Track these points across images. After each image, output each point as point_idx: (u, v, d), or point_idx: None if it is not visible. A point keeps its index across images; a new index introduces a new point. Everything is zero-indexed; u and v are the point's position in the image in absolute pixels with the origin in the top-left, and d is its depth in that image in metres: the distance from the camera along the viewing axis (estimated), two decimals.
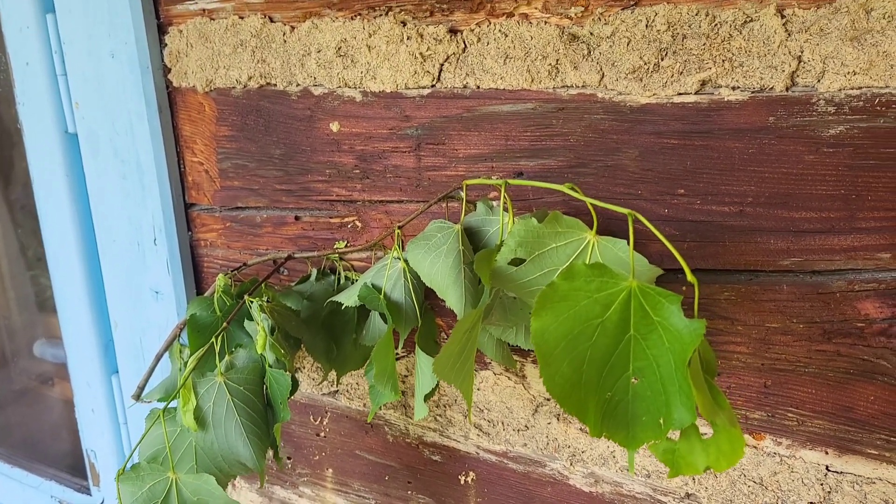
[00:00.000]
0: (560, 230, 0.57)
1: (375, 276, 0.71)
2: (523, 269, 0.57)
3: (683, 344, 0.48)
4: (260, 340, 0.74)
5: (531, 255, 0.57)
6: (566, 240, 0.57)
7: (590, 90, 0.66)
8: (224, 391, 0.72)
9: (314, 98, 0.79)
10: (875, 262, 0.59)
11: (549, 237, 0.57)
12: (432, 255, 0.65)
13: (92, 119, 0.92)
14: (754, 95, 0.60)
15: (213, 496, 0.70)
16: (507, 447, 0.81)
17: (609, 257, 0.56)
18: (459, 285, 0.63)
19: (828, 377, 0.63)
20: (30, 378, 1.52)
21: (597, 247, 0.56)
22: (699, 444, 0.51)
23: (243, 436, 0.72)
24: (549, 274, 0.57)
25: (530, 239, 0.57)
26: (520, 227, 0.57)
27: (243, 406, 0.72)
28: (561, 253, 0.57)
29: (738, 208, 0.63)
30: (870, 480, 0.64)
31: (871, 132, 0.57)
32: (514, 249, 0.57)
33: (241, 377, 0.73)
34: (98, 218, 0.97)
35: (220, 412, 0.72)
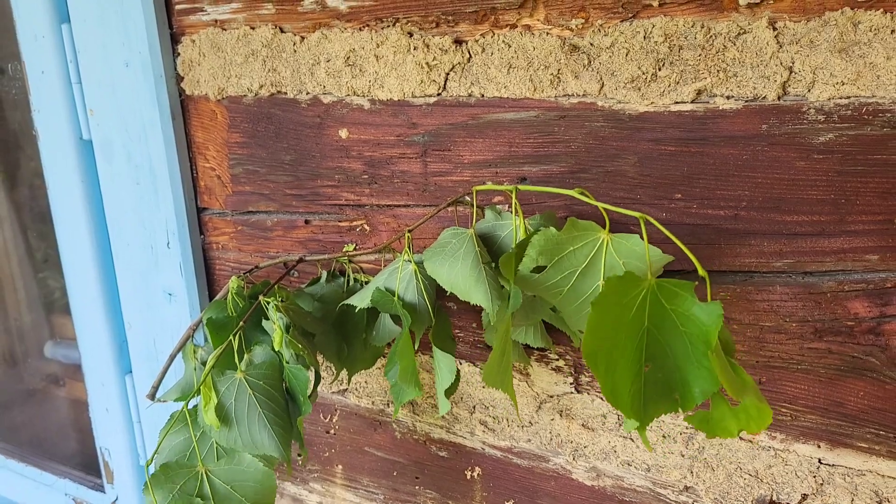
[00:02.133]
0: (576, 234, 0.60)
1: (388, 279, 0.73)
2: (545, 274, 0.60)
3: (704, 326, 0.52)
4: (276, 338, 0.76)
5: (551, 262, 0.60)
6: (582, 241, 0.60)
7: (590, 99, 0.68)
8: (245, 386, 0.74)
9: (323, 106, 0.82)
10: (864, 264, 0.62)
11: (567, 242, 0.60)
12: (450, 260, 0.67)
13: (106, 126, 0.95)
14: (748, 104, 0.62)
15: (247, 475, 0.72)
16: (511, 443, 0.84)
17: (623, 251, 0.59)
18: (483, 283, 0.66)
19: (819, 374, 0.66)
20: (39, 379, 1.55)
21: (611, 244, 0.59)
22: (729, 412, 0.54)
23: (267, 427, 0.73)
24: (570, 276, 0.60)
25: (550, 247, 0.60)
26: (539, 238, 0.60)
27: (265, 399, 0.74)
28: (579, 254, 0.60)
29: (732, 212, 0.65)
30: (860, 473, 0.67)
31: (859, 139, 0.59)
32: (536, 259, 0.60)
33: (260, 372, 0.75)
34: (112, 222, 1.00)
35: (243, 407, 0.74)
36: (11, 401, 1.56)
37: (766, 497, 0.71)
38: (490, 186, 0.69)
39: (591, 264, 0.60)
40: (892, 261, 0.61)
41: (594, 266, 0.60)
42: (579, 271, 0.60)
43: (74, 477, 1.28)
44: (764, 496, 0.71)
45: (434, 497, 0.91)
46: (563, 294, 0.60)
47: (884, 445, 0.65)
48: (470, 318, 0.82)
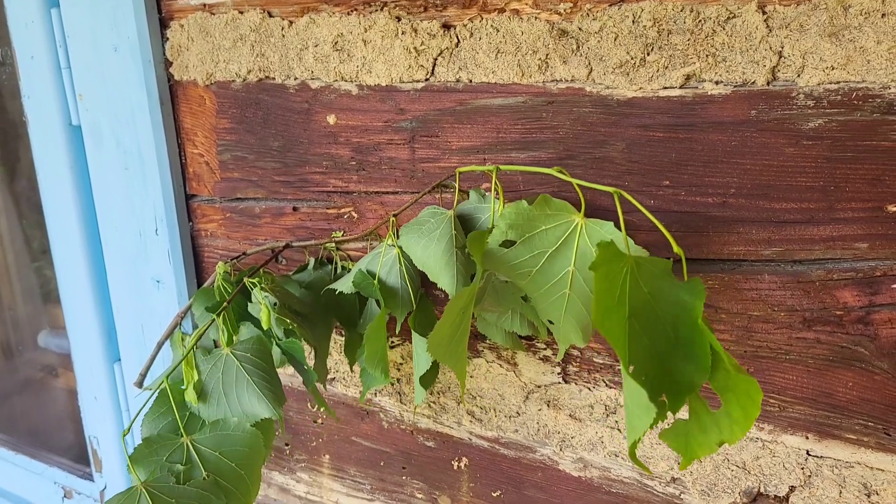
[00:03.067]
0: (549, 212, 0.59)
1: (370, 262, 0.73)
2: (514, 251, 0.59)
3: (689, 303, 0.51)
4: (264, 317, 0.75)
5: (521, 238, 0.59)
6: (555, 222, 0.59)
7: (578, 84, 0.67)
8: (232, 360, 0.72)
9: (311, 91, 0.81)
10: (853, 252, 0.61)
11: (539, 219, 0.59)
12: (425, 239, 0.67)
13: (95, 111, 0.94)
14: (737, 89, 0.62)
15: (234, 439, 0.70)
16: (498, 433, 0.83)
17: (596, 238, 0.58)
18: (451, 267, 0.65)
19: (808, 364, 0.65)
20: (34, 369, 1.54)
21: (584, 229, 0.58)
22: (710, 419, 0.52)
23: (257, 392, 0.71)
24: (539, 256, 0.59)
25: (521, 221, 0.59)
26: (510, 210, 0.59)
27: (254, 368, 0.72)
28: (550, 235, 0.59)
29: (721, 199, 0.64)
30: (849, 464, 0.66)
31: (849, 125, 0.58)
32: (505, 231, 0.59)
33: (247, 346, 0.73)
34: (101, 208, 1.00)
35: (231, 381, 0.72)
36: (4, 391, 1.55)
37: (754, 489, 0.70)
38: (473, 168, 0.68)
39: (562, 247, 0.59)
40: (881, 249, 0.60)
41: (566, 249, 0.59)
42: (549, 253, 0.59)
43: (64, 466, 1.27)
44: (751, 488, 0.70)
45: (421, 487, 0.90)
46: (531, 276, 0.59)
47: (872, 437, 0.64)
48: None
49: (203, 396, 0.74)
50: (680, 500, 0.74)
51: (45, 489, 1.30)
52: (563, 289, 0.59)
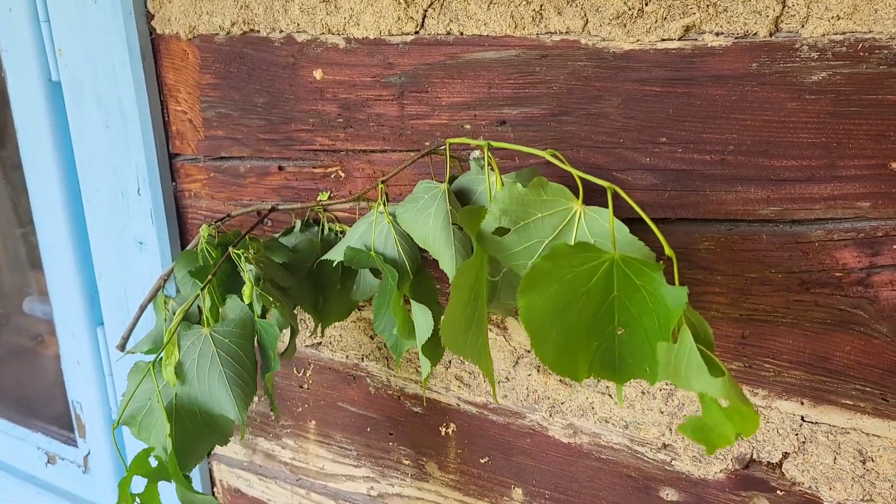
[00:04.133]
0: (546, 198, 0.55)
1: (363, 234, 0.70)
2: (508, 239, 0.55)
3: (668, 310, 0.49)
4: (246, 291, 0.73)
5: (516, 226, 0.55)
6: (551, 209, 0.55)
7: (573, 36, 0.65)
8: (210, 343, 0.72)
9: (297, 45, 0.78)
10: (854, 211, 0.59)
11: (534, 206, 0.54)
12: (422, 216, 0.64)
13: (75, 66, 0.91)
14: (738, 41, 0.59)
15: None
16: (487, 399, 0.81)
17: (596, 229, 0.54)
18: (450, 246, 0.61)
19: (805, 327, 0.64)
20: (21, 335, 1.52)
21: (583, 217, 0.54)
22: (723, 414, 0.49)
23: (226, 386, 0.71)
24: (536, 246, 0.55)
25: (514, 207, 0.54)
26: (504, 194, 0.54)
27: (227, 357, 0.72)
28: (546, 224, 0.55)
29: (719, 157, 0.62)
30: (844, 430, 0.64)
31: (854, 78, 0.56)
32: (499, 217, 0.55)
33: (227, 329, 0.72)
34: (82, 167, 0.97)
35: (205, 364, 0.71)
36: None
37: (746, 455, 0.69)
38: (464, 140, 0.66)
39: (559, 237, 0.55)
40: (884, 208, 0.58)
41: (564, 240, 0.55)
42: (545, 243, 0.55)
43: (48, 431, 1.25)
44: (744, 454, 0.69)
45: (408, 453, 0.89)
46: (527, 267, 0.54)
47: (869, 402, 0.63)
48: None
49: (180, 375, 0.72)
50: (671, 467, 0.73)
51: (29, 455, 1.28)
52: None
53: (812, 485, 0.67)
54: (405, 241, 0.69)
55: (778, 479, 0.68)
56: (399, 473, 0.90)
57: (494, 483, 0.84)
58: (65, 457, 1.22)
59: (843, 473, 0.65)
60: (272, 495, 1.03)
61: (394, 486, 0.91)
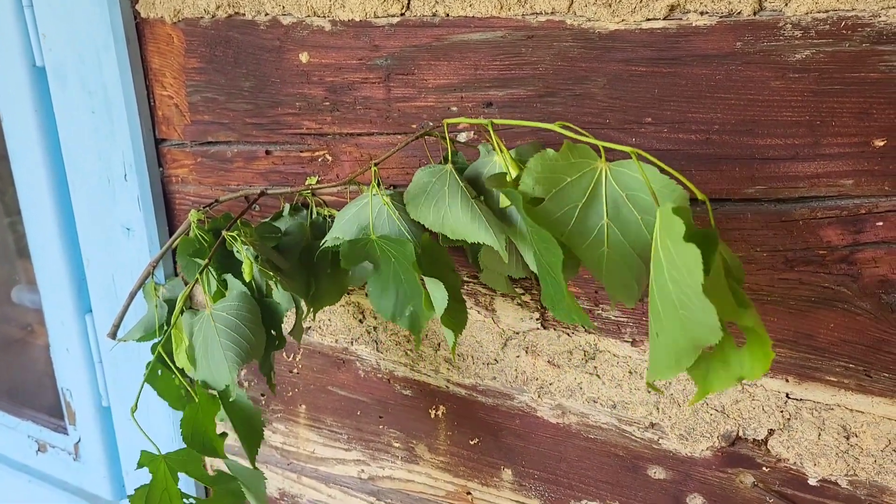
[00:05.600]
0: (573, 161, 0.54)
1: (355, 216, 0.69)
2: (544, 208, 0.54)
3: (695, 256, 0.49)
4: (246, 269, 0.73)
5: (549, 193, 0.54)
6: (579, 171, 0.54)
7: (559, 17, 0.65)
8: (210, 322, 0.71)
9: (283, 28, 0.78)
10: (838, 189, 0.59)
11: (563, 170, 0.54)
12: (438, 204, 0.62)
13: (59, 51, 0.91)
14: (722, 20, 0.59)
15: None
16: (476, 381, 0.82)
17: (625, 181, 0.53)
18: (479, 219, 0.61)
19: (790, 305, 0.64)
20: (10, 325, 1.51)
21: (610, 174, 0.54)
22: (734, 355, 0.50)
23: (222, 354, 0.70)
24: (571, 211, 0.54)
25: (546, 174, 0.53)
26: (536, 164, 0.53)
27: (224, 328, 0.69)
28: (577, 187, 0.54)
29: (704, 136, 0.63)
30: (828, 407, 0.65)
31: (837, 56, 0.56)
32: (532, 188, 0.53)
33: (226, 304, 0.71)
34: (68, 154, 0.96)
35: (209, 343, 0.70)
36: None
37: (732, 433, 0.69)
38: (461, 120, 0.66)
39: (591, 199, 0.54)
40: (866, 185, 0.58)
41: (595, 200, 0.54)
42: (580, 206, 0.54)
43: (38, 419, 1.25)
44: (730, 432, 0.69)
45: (398, 436, 0.89)
46: (566, 234, 0.54)
47: (853, 379, 0.63)
48: None
49: (192, 360, 0.72)
50: (658, 445, 0.73)
51: (20, 443, 1.28)
52: (600, 247, 0.54)
53: (797, 461, 0.67)
54: (406, 218, 0.67)
55: (763, 455, 0.69)
56: (389, 456, 0.91)
57: (484, 464, 0.84)
58: (55, 445, 1.21)
59: (828, 449, 0.66)
60: None
61: (384, 469, 0.92)
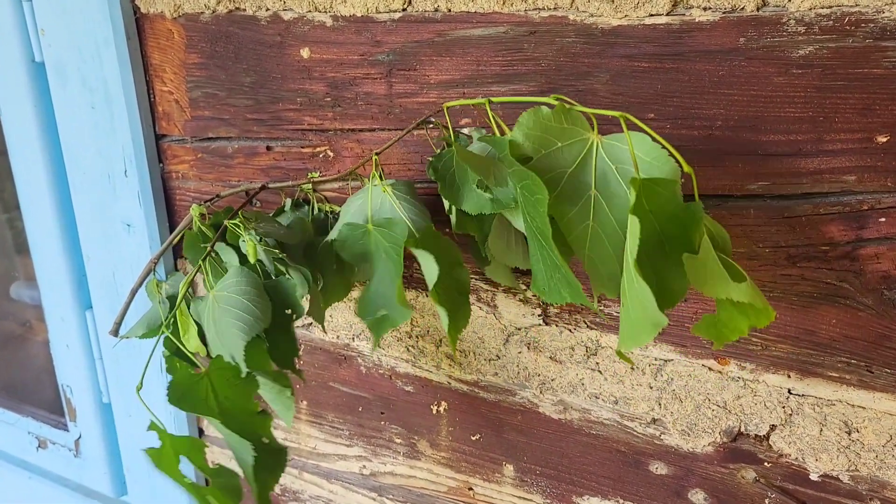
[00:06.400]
0: (566, 126, 0.54)
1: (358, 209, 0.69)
2: (532, 167, 0.53)
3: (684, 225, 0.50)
4: (250, 250, 0.72)
5: (538, 154, 0.53)
6: (571, 139, 0.54)
7: (561, 12, 0.65)
8: (215, 304, 0.70)
9: (284, 23, 0.77)
10: (840, 185, 0.60)
11: (555, 133, 0.53)
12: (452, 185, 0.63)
13: (59, 47, 0.90)
14: (725, 16, 0.59)
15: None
16: (478, 377, 0.82)
17: (616, 154, 0.53)
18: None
19: (792, 301, 0.64)
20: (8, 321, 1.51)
21: (601, 146, 0.54)
22: (736, 310, 0.51)
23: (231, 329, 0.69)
24: (559, 176, 0.53)
25: (538, 132, 0.53)
26: (528, 118, 0.53)
27: (227, 307, 0.68)
28: (567, 153, 0.54)
29: (707, 132, 0.63)
30: (830, 402, 0.65)
31: (840, 52, 0.56)
32: (521, 142, 0.53)
33: (225, 283, 0.70)
34: (68, 150, 0.96)
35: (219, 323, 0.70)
36: None
37: (734, 428, 0.69)
38: (461, 101, 0.65)
39: (580, 168, 0.53)
40: (869, 182, 0.58)
41: (584, 170, 0.53)
42: (568, 173, 0.53)
43: (38, 416, 1.25)
44: (732, 427, 0.70)
45: (399, 432, 0.89)
46: (553, 198, 0.53)
47: (854, 374, 0.64)
48: None
49: (208, 344, 0.72)
50: (660, 441, 0.73)
51: (20, 440, 1.28)
52: (585, 219, 0.53)
53: (799, 456, 0.67)
54: (411, 207, 0.67)
55: (765, 451, 0.69)
56: (391, 452, 0.91)
57: (486, 460, 0.84)
58: (56, 441, 1.21)
59: (829, 444, 0.66)
60: None
61: (386, 465, 0.92)
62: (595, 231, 0.54)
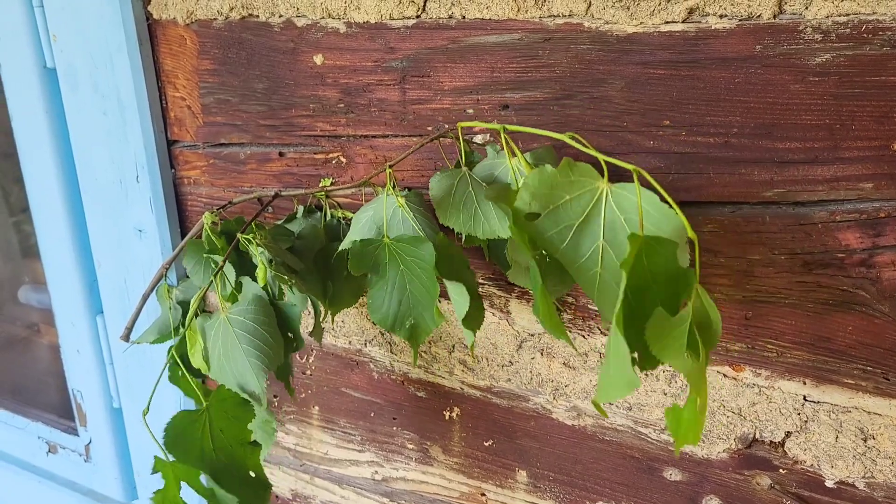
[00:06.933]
0: (573, 178, 0.54)
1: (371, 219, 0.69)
2: (541, 223, 0.54)
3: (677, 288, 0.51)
4: (260, 273, 0.73)
5: (546, 210, 0.54)
6: (579, 190, 0.54)
7: (576, 19, 0.65)
8: (228, 326, 0.71)
9: (297, 30, 0.78)
10: (857, 193, 0.60)
11: (562, 187, 0.54)
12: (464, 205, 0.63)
13: (70, 53, 0.90)
14: (742, 23, 0.59)
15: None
16: (491, 382, 0.82)
17: (624, 204, 0.53)
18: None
19: (808, 308, 0.64)
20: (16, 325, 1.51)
21: (611, 196, 0.53)
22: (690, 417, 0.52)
23: (246, 361, 0.70)
24: (566, 231, 0.54)
25: (544, 190, 0.53)
26: (534, 178, 0.53)
27: (244, 334, 0.70)
28: (575, 206, 0.54)
29: (723, 139, 0.63)
30: (846, 409, 0.65)
31: (857, 60, 0.56)
32: (529, 203, 0.54)
33: (242, 308, 0.71)
34: (79, 156, 0.96)
35: (227, 347, 0.71)
36: None
37: (750, 435, 0.69)
38: (475, 123, 0.66)
39: (588, 220, 0.54)
40: (886, 189, 0.58)
41: (592, 222, 0.54)
42: (576, 227, 0.54)
43: (47, 420, 1.25)
44: (747, 434, 0.70)
45: (412, 438, 0.89)
46: (560, 251, 0.54)
47: (870, 381, 0.63)
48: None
49: (209, 362, 0.72)
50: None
51: (30, 444, 1.28)
52: (594, 267, 0.54)
53: (814, 463, 0.67)
54: (423, 218, 0.68)
55: (780, 457, 0.69)
56: (403, 457, 0.91)
57: (499, 466, 0.84)
58: (66, 446, 1.21)
59: (845, 451, 0.66)
60: (276, 481, 1.03)
61: (398, 470, 0.92)
62: (603, 277, 0.54)
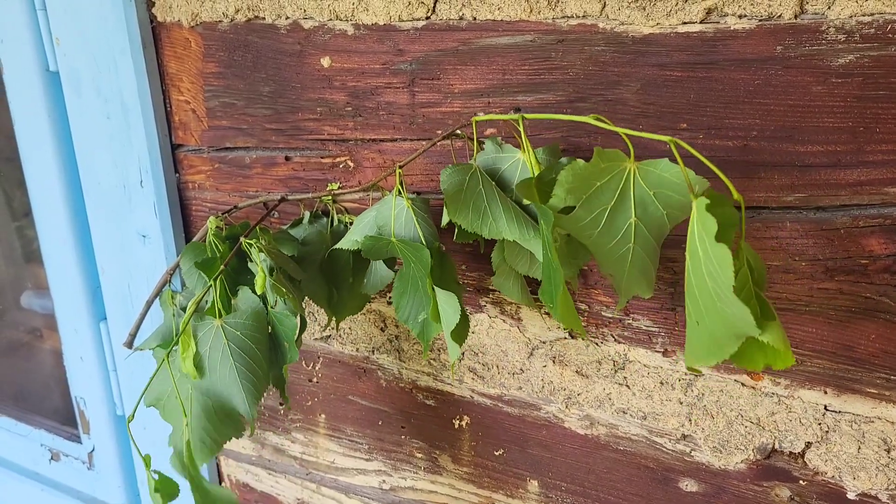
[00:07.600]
0: (603, 165, 0.55)
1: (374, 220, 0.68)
2: (575, 215, 0.55)
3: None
4: (259, 281, 0.71)
5: (580, 201, 0.55)
6: (608, 174, 0.55)
7: (591, 20, 0.63)
8: (221, 335, 0.70)
9: (304, 32, 0.76)
10: (881, 197, 0.58)
11: (594, 176, 0.55)
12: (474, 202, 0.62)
13: (73, 56, 0.89)
14: (762, 24, 0.58)
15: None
16: (501, 391, 0.80)
17: (654, 180, 0.54)
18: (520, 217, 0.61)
19: (829, 316, 0.62)
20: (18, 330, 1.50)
21: (637, 173, 0.55)
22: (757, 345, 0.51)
23: (237, 381, 0.70)
24: (600, 215, 0.55)
25: (578, 184, 0.54)
26: (567, 175, 0.54)
27: (239, 351, 0.70)
28: (606, 190, 0.55)
29: (742, 142, 0.61)
30: (868, 419, 0.63)
31: (882, 61, 0.55)
32: (564, 198, 0.54)
33: (239, 321, 0.70)
34: (82, 160, 0.95)
35: (217, 356, 0.70)
36: None
37: (768, 445, 0.68)
38: (491, 116, 0.64)
39: (620, 200, 0.55)
40: None
41: (624, 201, 0.55)
42: (609, 209, 0.55)
43: (50, 427, 1.24)
44: (766, 444, 0.68)
45: (420, 447, 0.88)
46: (593, 238, 0.55)
47: (895, 391, 0.62)
48: (460, 261, 0.78)
49: (199, 367, 0.71)
50: (690, 457, 0.72)
51: (32, 452, 1.27)
52: (627, 243, 0.56)
53: (835, 474, 0.66)
54: (426, 225, 0.67)
55: (800, 468, 0.67)
56: (412, 467, 0.89)
57: (510, 475, 0.83)
58: (69, 453, 1.20)
59: (868, 462, 0.64)
60: (281, 490, 1.02)
61: (406, 480, 0.90)
62: (636, 251, 0.56)
